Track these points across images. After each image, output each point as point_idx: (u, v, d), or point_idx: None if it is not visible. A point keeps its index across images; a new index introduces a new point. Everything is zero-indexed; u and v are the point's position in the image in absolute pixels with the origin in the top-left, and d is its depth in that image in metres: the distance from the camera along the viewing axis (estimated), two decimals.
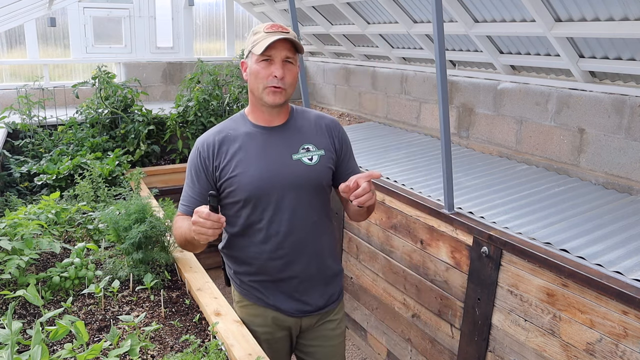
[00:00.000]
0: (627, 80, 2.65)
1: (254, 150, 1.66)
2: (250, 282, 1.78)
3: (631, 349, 1.79)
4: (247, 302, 1.82)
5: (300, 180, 1.67)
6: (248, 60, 1.65)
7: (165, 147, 4.52)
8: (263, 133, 1.69)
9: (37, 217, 2.31)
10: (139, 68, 5.14)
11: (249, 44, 1.63)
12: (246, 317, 1.83)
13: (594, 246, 2.07)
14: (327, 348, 1.88)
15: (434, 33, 2.26)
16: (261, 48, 1.55)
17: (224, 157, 1.67)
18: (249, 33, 1.69)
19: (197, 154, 1.70)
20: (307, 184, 1.69)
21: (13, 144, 3.86)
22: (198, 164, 1.69)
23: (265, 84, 1.60)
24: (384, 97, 4.43)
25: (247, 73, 1.66)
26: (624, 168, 2.65)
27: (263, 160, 1.65)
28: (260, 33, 1.60)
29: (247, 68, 1.66)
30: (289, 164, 1.67)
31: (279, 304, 1.77)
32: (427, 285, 2.76)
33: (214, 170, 1.68)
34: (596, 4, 2.38)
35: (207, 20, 5.57)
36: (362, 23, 4.10)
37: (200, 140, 1.72)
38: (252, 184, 1.63)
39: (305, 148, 1.71)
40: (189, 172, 1.72)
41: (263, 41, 1.56)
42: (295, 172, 1.67)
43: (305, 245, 1.72)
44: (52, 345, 1.67)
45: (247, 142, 1.68)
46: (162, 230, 2.20)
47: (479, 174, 3.02)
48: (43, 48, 4.81)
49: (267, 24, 1.63)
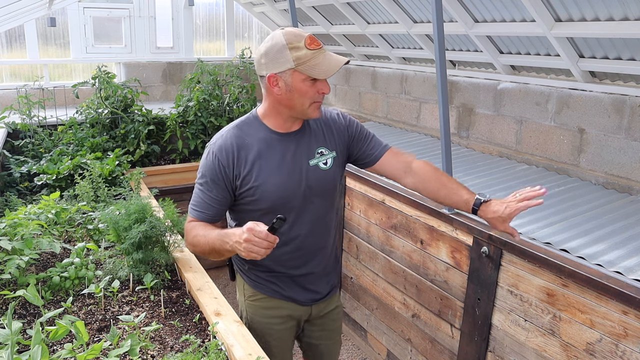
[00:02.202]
0: (627, 80, 2.65)
1: (273, 158, 1.65)
2: (267, 277, 1.82)
3: (631, 349, 1.79)
4: (261, 296, 1.84)
5: (319, 186, 1.72)
6: (284, 76, 1.55)
7: (165, 147, 4.52)
8: (280, 140, 1.67)
9: (37, 217, 2.31)
10: (139, 68, 5.14)
11: (288, 59, 1.52)
12: (259, 311, 1.86)
13: (594, 246, 2.07)
14: (331, 330, 2.02)
15: (434, 33, 2.26)
16: (322, 74, 1.53)
17: (244, 166, 1.63)
18: (270, 42, 1.55)
19: (216, 161, 1.63)
20: (325, 188, 1.75)
21: (13, 144, 3.86)
22: (217, 171, 1.63)
23: (312, 99, 1.59)
24: (384, 97, 4.43)
25: (281, 88, 1.57)
26: (624, 168, 2.65)
27: (284, 168, 1.66)
28: (304, 49, 1.52)
29: (284, 84, 1.56)
30: (307, 170, 1.70)
31: (294, 295, 1.83)
32: (427, 285, 2.76)
33: (234, 178, 1.64)
34: (596, 4, 2.38)
35: (207, 20, 5.57)
36: (362, 23, 4.10)
37: (217, 146, 1.65)
38: (276, 193, 1.64)
39: (319, 152, 1.73)
40: (204, 177, 1.65)
41: (321, 64, 1.53)
42: (314, 179, 1.71)
43: (322, 243, 1.82)
44: (52, 345, 1.67)
45: (265, 150, 1.65)
46: (162, 230, 2.20)
47: (479, 174, 3.02)
48: (43, 48, 4.81)
49: (299, 34, 1.54)
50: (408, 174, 1.81)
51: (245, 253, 1.42)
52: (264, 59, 1.56)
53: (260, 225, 1.40)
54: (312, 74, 1.53)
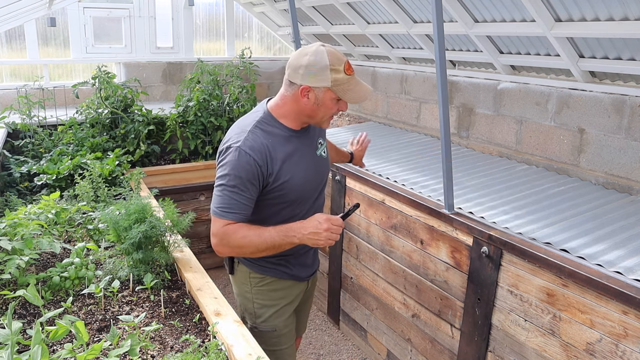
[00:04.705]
0: (627, 80, 2.65)
1: (296, 154, 1.78)
2: (276, 260, 1.94)
3: (631, 349, 1.79)
4: (270, 279, 1.97)
5: (326, 173, 1.97)
6: (317, 91, 1.68)
7: (165, 147, 4.52)
8: (297, 136, 1.81)
9: (37, 217, 2.31)
10: (139, 68, 5.14)
11: (328, 79, 1.65)
12: (268, 294, 1.98)
13: (594, 246, 2.07)
14: (311, 297, 2.29)
15: (434, 33, 2.26)
16: (353, 99, 1.70)
17: (276, 164, 1.73)
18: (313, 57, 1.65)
19: (251, 161, 1.67)
20: (327, 174, 2.01)
21: (13, 144, 3.86)
22: (256, 172, 1.68)
23: (331, 114, 1.77)
24: (384, 97, 4.43)
25: (310, 100, 1.70)
26: (624, 168, 2.65)
27: (304, 163, 1.81)
28: (342, 73, 1.66)
29: (315, 97, 1.69)
30: (318, 161, 1.90)
31: (298, 272, 2.01)
32: (427, 285, 2.76)
33: (268, 176, 1.72)
34: (596, 4, 2.38)
35: (207, 20, 5.57)
36: (362, 23, 4.10)
37: (248, 146, 1.68)
38: (302, 186, 1.80)
39: (319, 142, 1.94)
40: (239, 178, 1.66)
41: (353, 90, 1.69)
42: (324, 169, 1.95)
43: None
44: (52, 345, 1.67)
45: (288, 147, 1.77)
46: (162, 230, 2.20)
47: (479, 174, 3.02)
48: (43, 48, 4.80)
49: (340, 58, 1.67)
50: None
51: (324, 241, 1.63)
52: (302, 70, 1.66)
53: (338, 217, 1.66)
54: (344, 97, 1.70)
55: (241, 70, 4.79)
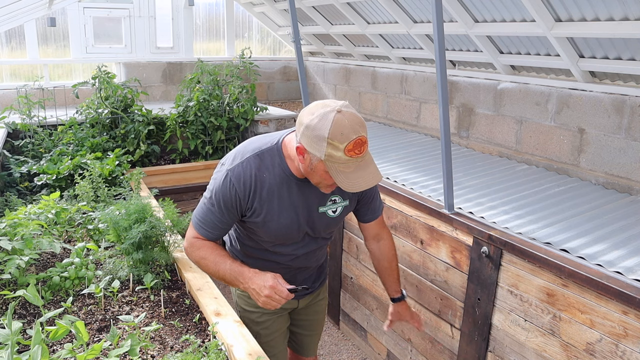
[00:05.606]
0: (627, 80, 2.65)
1: (286, 200, 1.67)
2: None
3: (631, 349, 1.79)
4: None
5: (322, 230, 1.81)
6: (312, 156, 1.47)
7: (165, 147, 4.52)
8: (297, 183, 1.67)
9: (37, 217, 2.31)
10: (139, 68, 5.14)
11: (322, 151, 1.42)
12: (254, 307, 1.96)
13: (594, 246, 2.08)
14: (316, 320, 2.21)
15: (434, 33, 2.26)
16: (342, 183, 1.45)
17: (257, 200, 1.64)
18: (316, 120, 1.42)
19: (233, 190, 1.61)
20: (328, 231, 1.86)
21: (13, 144, 3.86)
22: (233, 199, 1.62)
23: (327, 185, 1.58)
24: (384, 97, 4.43)
25: (305, 160, 1.51)
26: (624, 168, 2.65)
27: (292, 212, 1.69)
28: (340, 152, 1.40)
29: (309, 160, 1.49)
30: (314, 216, 1.74)
31: None
32: (427, 285, 2.76)
33: (246, 209, 1.66)
34: (596, 4, 2.38)
35: (207, 20, 5.57)
36: (362, 23, 4.10)
37: (236, 174, 1.61)
38: (278, 231, 1.71)
39: (332, 200, 1.76)
40: (217, 200, 1.63)
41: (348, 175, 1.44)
42: (317, 224, 1.76)
43: (314, 260, 1.94)
44: (52, 345, 1.67)
45: (280, 190, 1.65)
46: (162, 230, 2.20)
47: (479, 174, 3.02)
48: (43, 48, 4.80)
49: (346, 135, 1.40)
50: (373, 242, 2.03)
51: (261, 303, 1.58)
52: (302, 128, 1.46)
53: (282, 284, 1.57)
54: (334, 178, 1.46)
55: (241, 70, 4.79)
